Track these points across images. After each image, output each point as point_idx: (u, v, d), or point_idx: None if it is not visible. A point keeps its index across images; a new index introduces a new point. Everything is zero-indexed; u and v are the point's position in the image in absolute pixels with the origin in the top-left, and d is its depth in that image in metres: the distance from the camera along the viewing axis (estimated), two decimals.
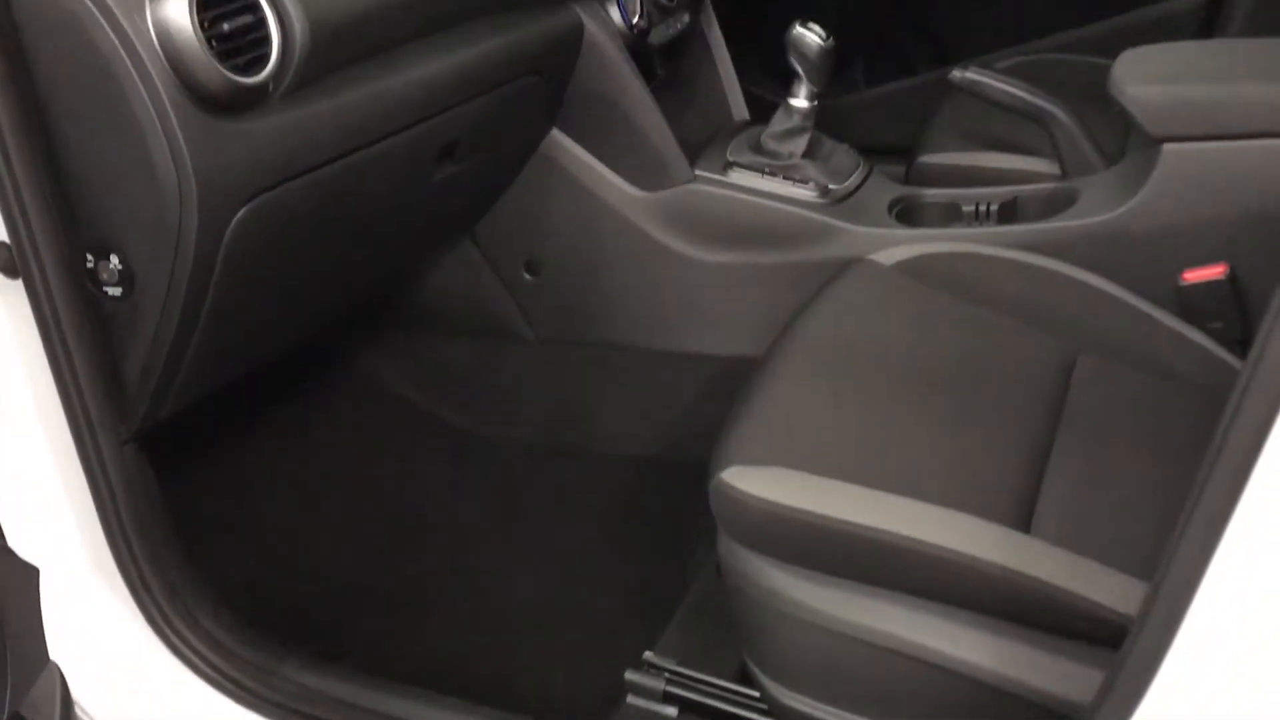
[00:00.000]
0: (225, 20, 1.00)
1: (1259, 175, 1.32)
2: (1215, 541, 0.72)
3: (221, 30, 1.00)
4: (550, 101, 1.55)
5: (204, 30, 0.99)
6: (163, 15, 0.98)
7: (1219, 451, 0.72)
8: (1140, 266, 1.41)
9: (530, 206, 1.67)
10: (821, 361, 1.26)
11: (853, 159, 1.65)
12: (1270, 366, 0.70)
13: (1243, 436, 0.70)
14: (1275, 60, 1.39)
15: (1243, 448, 0.70)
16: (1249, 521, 0.71)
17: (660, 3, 1.63)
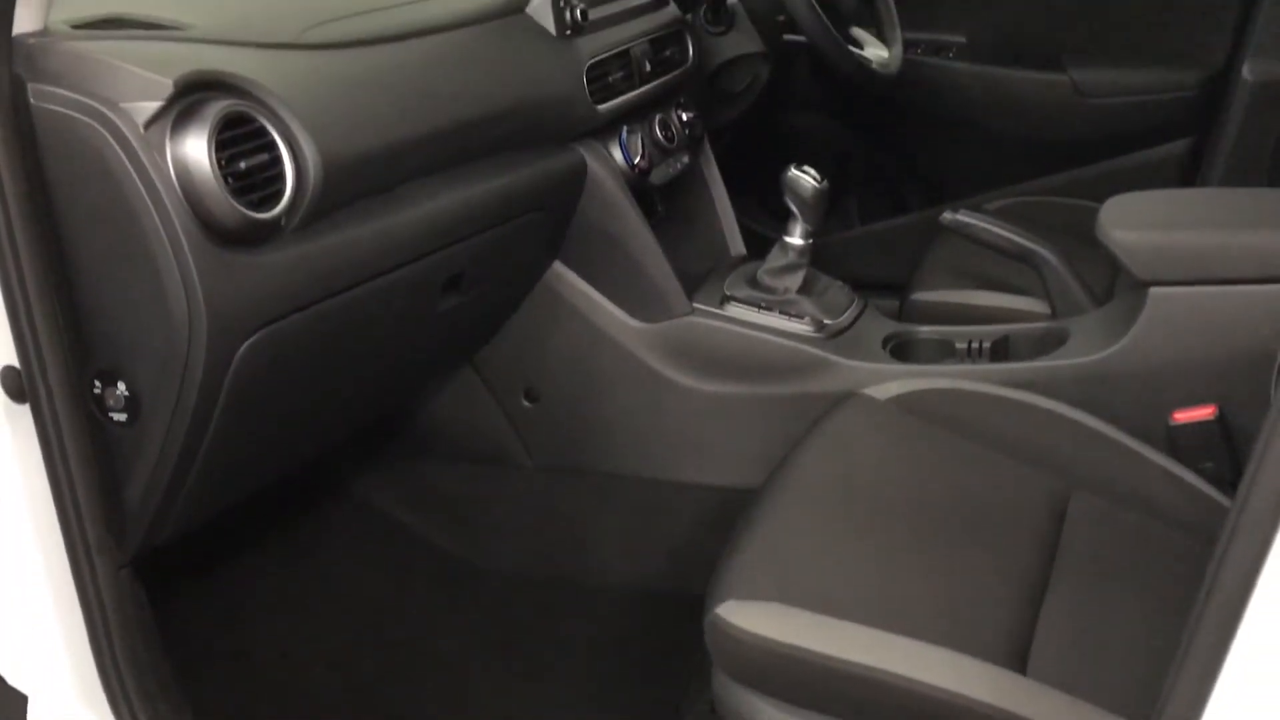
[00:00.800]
0: (243, 159, 1.04)
1: (1245, 319, 1.35)
2: (1209, 686, 0.72)
3: (238, 168, 1.04)
4: (554, 235, 1.59)
5: (221, 168, 1.02)
6: (182, 153, 1.01)
7: (1209, 594, 0.72)
8: (1131, 406, 1.44)
9: (531, 335, 1.70)
10: (818, 496, 1.27)
11: (847, 295, 1.69)
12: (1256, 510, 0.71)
13: (1233, 579, 0.71)
14: (1257, 209, 1.44)
15: (1233, 590, 0.71)
16: (1242, 665, 0.71)
17: (661, 144, 1.69)
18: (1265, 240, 1.34)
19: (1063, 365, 1.48)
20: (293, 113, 1.09)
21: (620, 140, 1.61)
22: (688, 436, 1.66)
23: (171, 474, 1.12)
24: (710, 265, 1.78)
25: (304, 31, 1.20)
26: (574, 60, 1.51)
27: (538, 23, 1.49)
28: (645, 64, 1.65)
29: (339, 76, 1.19)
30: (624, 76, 1.60)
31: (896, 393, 1.45)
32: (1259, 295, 1.34)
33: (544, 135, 1.51)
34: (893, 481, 1.30)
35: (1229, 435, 1.39)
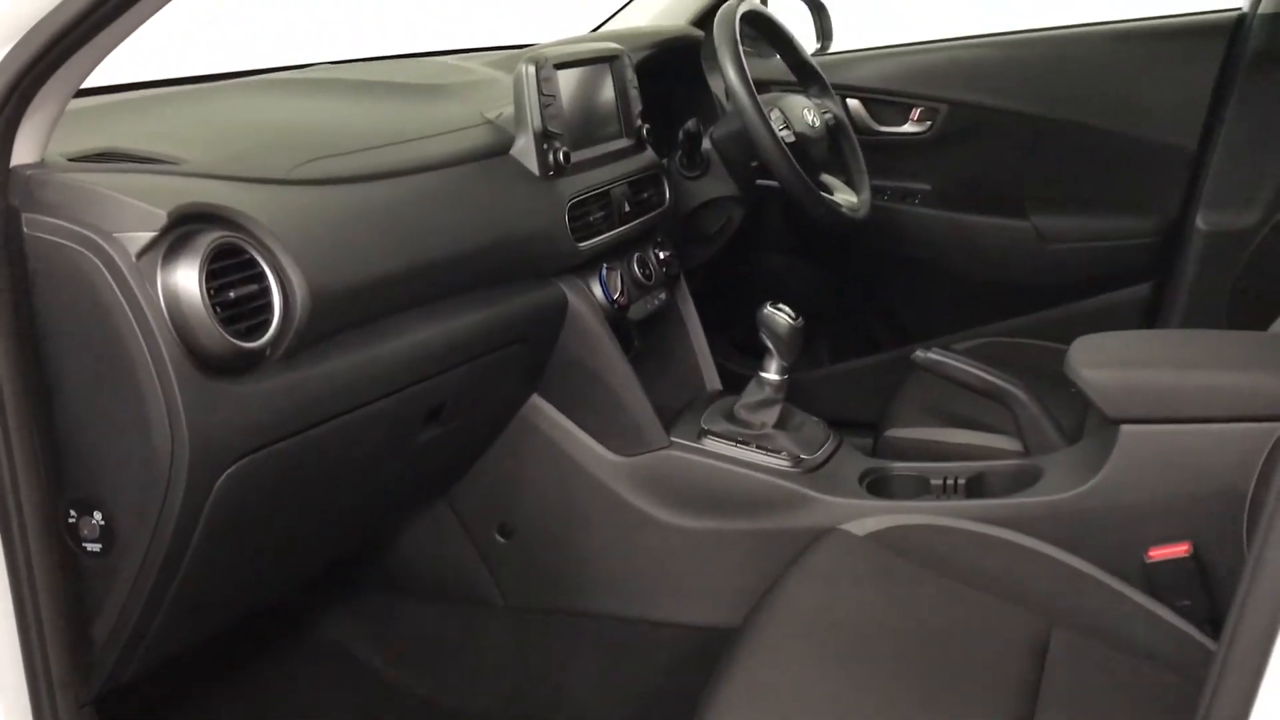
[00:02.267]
0: (232, 288, 1.05)
1: (1216, 457, 1.37)
2: None
3: (227, 297, 1.05)
4: (533, 369, 1.60)
5: (211, 297, 1.03)
6: (173, 282, 1.02)
7: None
8: (1106, 543, 1.45)
9: (507, 469, 1.69)
10: (799, 635, 1.25)
11: (823, 431, 1.70)
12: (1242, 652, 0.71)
13: None
14: (1222, 350, 1.48)
15: None
16: None
17: (639, 281, 1.72)
18: (1232, 380, 1.38)
19: (1037, 502, 1.49)
20: (282, 245, 1.11)
21: (600, 277, 1.64)
22: (665, 573, 1.65)
23: (143, 608, 1.09)
24: (686, 400, 1.79)
25: (295, 168, 1.23)
26: (556, 200, 1.55)
27: (522, 164, 1.53)
28: (624, 204, 1.69)
29: (328, 211, 1.22)
30: (604, 216, 1.64)
31: (874, 529, 1.45)
32: (1228, 434, 1.36)
33: (527, 271, 1.53)
34: (874, 620, 1.29)
35: (1204, 572, 1.40)
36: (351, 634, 1.86)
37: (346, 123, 1.45)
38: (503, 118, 1.58)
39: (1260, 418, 1.34)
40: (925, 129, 2.34)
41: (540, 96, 1.53)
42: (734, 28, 1.80)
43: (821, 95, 2.09)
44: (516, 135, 1.54)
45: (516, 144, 1.54)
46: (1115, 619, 1.34)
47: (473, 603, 1.75)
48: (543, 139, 1.53)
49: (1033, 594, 1.36)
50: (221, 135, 1.29)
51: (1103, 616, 1.34)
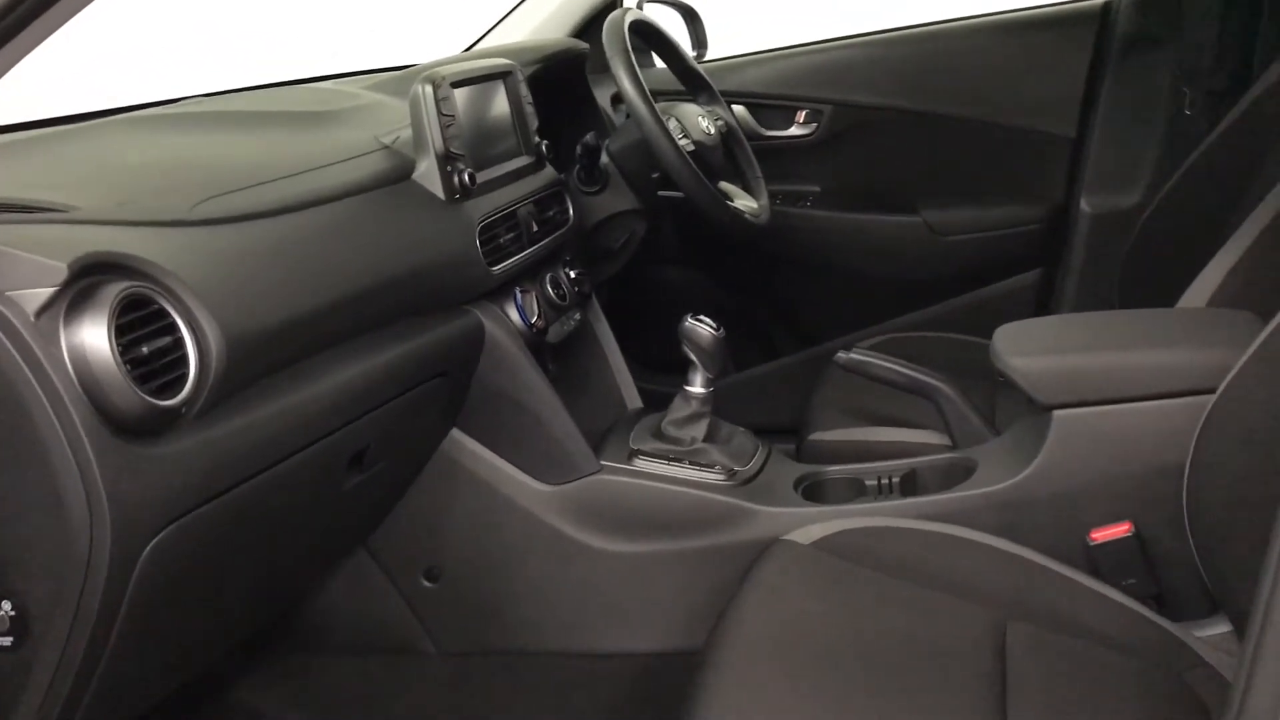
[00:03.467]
0: (144, 343, 0.96)
1: (1148, 435, 1.39)
2: None
3: (140, 353, 0.96)
4: (453, 403, 1.53)
5: (122, 354, 0.94)
6: (79, 341, 0.93)
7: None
8: (1047, 529, 1.45)
9: (429, 510, 1.61)
10: (765, 655, 1.22)
11: (751, 441, 1.68)
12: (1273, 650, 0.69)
13: None
14: (1141, 329, 1.51)
15: None
16: None
17: (554, 302, 1.67)
18: (1160, 357, 1.40)
19: (976, 495, 1.49)
20: (192, 292, 1.02)
21: (515, 301, 1.58)
22: (607, 602, 1.59)
23: (64, 704, 0.98)
24: (609, 422, 1.74)
25: (194, 207, 1.14)
26: (465, 224, 1.48)
27: (425, 188, 1.46)
28: (532, 224, 1.64)
29: (235, 252, 1.13)
30: (514, 238, 1.58)
31: (819, 536, 1.42)
32: (1160, 410, 1.38)
33: (441, 300, 1.46)
34: (835, 632, 1.26)
35: (1146, 550, 1.41)
36: (270, 697, 1.74)
37: (239, 156, 1.36)
38: (400, 141, 1.51)
39: (1190, 392, 1.36)
40: (811, 131, 2.35)
41: (440, 117, 1.46)
42: (625, 38, 1.76)
43: (711, 103, 2.07)
44: (417, 159, 1.47)
45: (418, 168, 1.47)
46: (1066, 605, 1.34)
47: (402, 653, 1.66)
48: (445, 161, 1.47)
49: (983, 588, 1.35)
50: (109, 177, 1.19)
51: (1054, 604, 1.34)
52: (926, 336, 2.14)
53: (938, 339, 2.13)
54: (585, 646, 1.61)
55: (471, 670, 1.66)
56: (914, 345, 2.08)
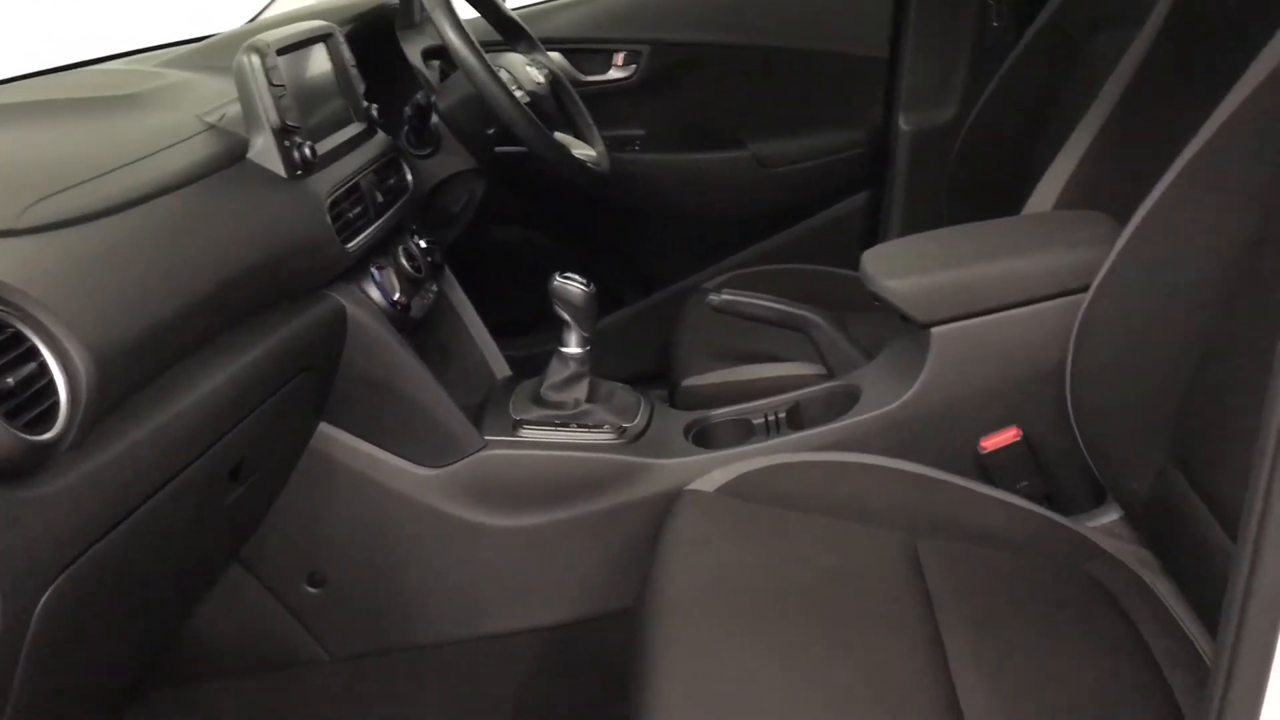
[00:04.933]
0: (8, 373, 0.83)
1: (1027, 340, 1.43)
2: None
3: (5, 385, 0.83)
4: (320, 397, 1.43)
5: None
6: None
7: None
8: (939, 444, 1.48)
9: (305, 513, 1.50)
10: (701, 612, 1.19)
11: (633, 395, 1.64)
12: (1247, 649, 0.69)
13: None
14: (1002, 239, 1.54)
15: None
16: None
17: (410, 275, 1.57)
18: (1027, 264, 1.43)
19: (866, 419, 1.50)
20: (48, 310, 0.89)
21: (374, 278, 1.48)
22: (507, 581, 1.53)
23: None
24: (481, 395, 1.67)
25: (24, 213, 0.99)
26: (312, 200, 1.37)
27: (264, 167, 1.34)
28: (376, 195, 1.53)
29: (79, 259, 1.00)
30: (361, 211, 1.48)
31: (722, 482, 1.41)
32: (1035, 315, 1.42)
33: (298, 286, 1.35)
34: (762, 574, 1.25)
35: (1034, 452, 1.46)
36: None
37: (53, 152, 1.20)
38: (227, 119, 1.38)
39: (1063, 293, 1.40)
40: (630, 74, 2.30)
41: (272, 88, 1.34)
42: None
43: (532, 50, 1.99)
44: (251, 136, 1.34)
45: (254, 146, 1.34)
46: (967, 515, 1.38)
47: (293, 666, 1.56)
48: (283, 135, 1.35)
49: (888, 510, 1.37)
50: None
51: (956, 515, 1.37)
52: (768, 270, 2.15)
53: (776, 271, 2.14)
54: (491, 629, 1.54)
55: (370, 673, 1.57)
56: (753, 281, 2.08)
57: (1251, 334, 1.18)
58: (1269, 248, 1.18)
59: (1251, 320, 1.19)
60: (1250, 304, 1.19)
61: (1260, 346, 1.16)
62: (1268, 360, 1.13)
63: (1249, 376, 1.17)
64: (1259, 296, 1.19)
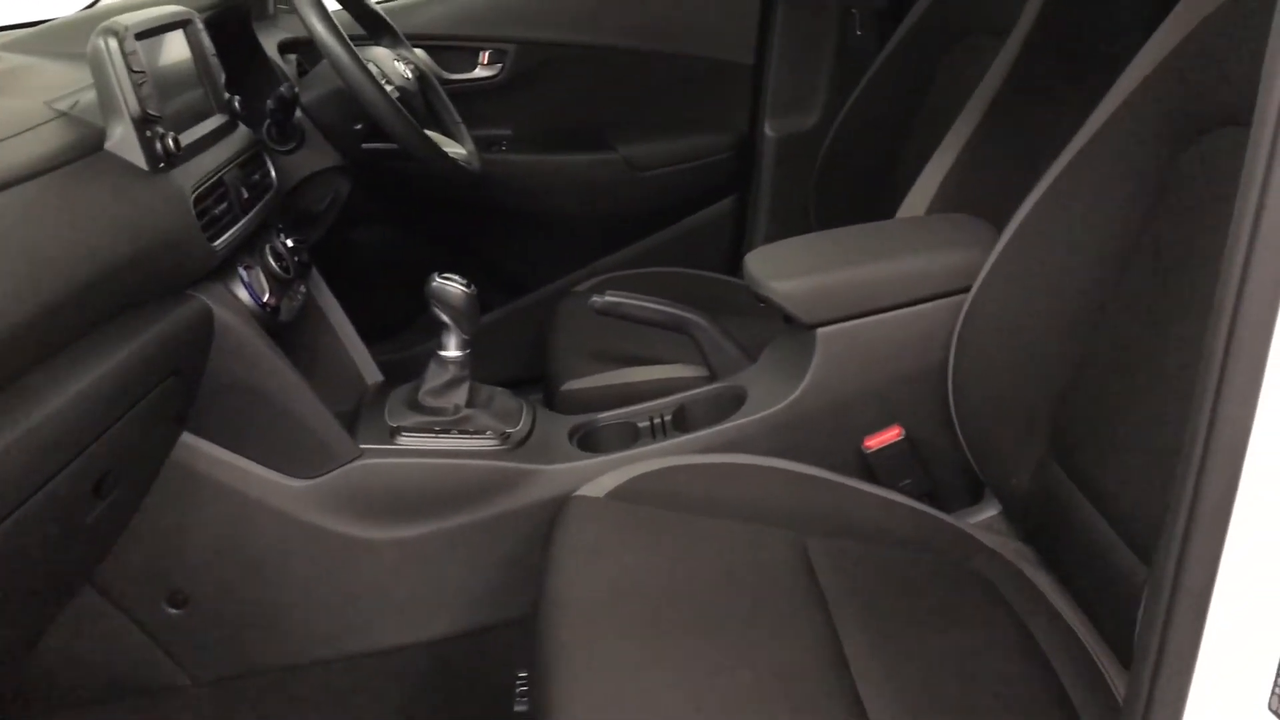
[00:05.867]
0: None
1: (910, 340, 1.45)
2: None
3: None
4: (184, 404, 1.33)
5: None
6: None
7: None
8: (824, 444, 1.49)
9: (165, 528, 1.41)
10: (599, 616, 1.16)
11: (514, 400, 1.59)
12: None
13: None
14: (884, 241, 1.57)
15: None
16: None
17: (278, 275, 1.49)
18: (910, 265, 1.46)
19: (752, 421, 1.50)
20: None
21: (242, 278, 1.40)
22: (386, 596, 1.46)
23: None
24: (352, 401, 1.60)
25: None
26: (176, 195, 1.28)
27: (123, 159, 1.24)
28: (241, 191, 1.45)
29: None
30: (227, 208, 1.39)
31: (611, 486, 1.38)
32: (917, 315, 1.44)
33: (161, 287, 1.26)
34: (658, 579, 1.23)
35: (916, 450, 1.48)
36: None
37: None
38: (80, 106, 1.28)
39: (945, 294, 1.43)
40: (497, 72, 2.25)
41: (131, 74, 1.25)
42: None
43: (397, 46, 1.93)
44: (108, 125, 1.25)
45: (111, 136, 1.24)
46: (854, 513, 1.39)
47: (154, 692, 1.45)
48: (144, 125, 1.25)
49: (777, 510, 1.37)
50: None
51: (843, 514, 1.39)
52: (639, 273, 2.14)
53: (649, 274, 2.13)
54: (370, 647, 1.47)
55: (236, 697, 1.48)
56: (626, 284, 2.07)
57: (1127, 331, 1.23)
58: (1142, 249, 1.23)
59: (1127, 317, 1.23)
60: (1125, 302, 1.24)
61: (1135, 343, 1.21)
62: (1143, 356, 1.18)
63: (1125, 372, 1.21)
64: (1133, 295, 1.23)
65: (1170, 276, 1.17)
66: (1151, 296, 1.20)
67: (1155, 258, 1.21)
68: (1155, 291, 1.19)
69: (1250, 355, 0.66)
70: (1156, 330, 1.17)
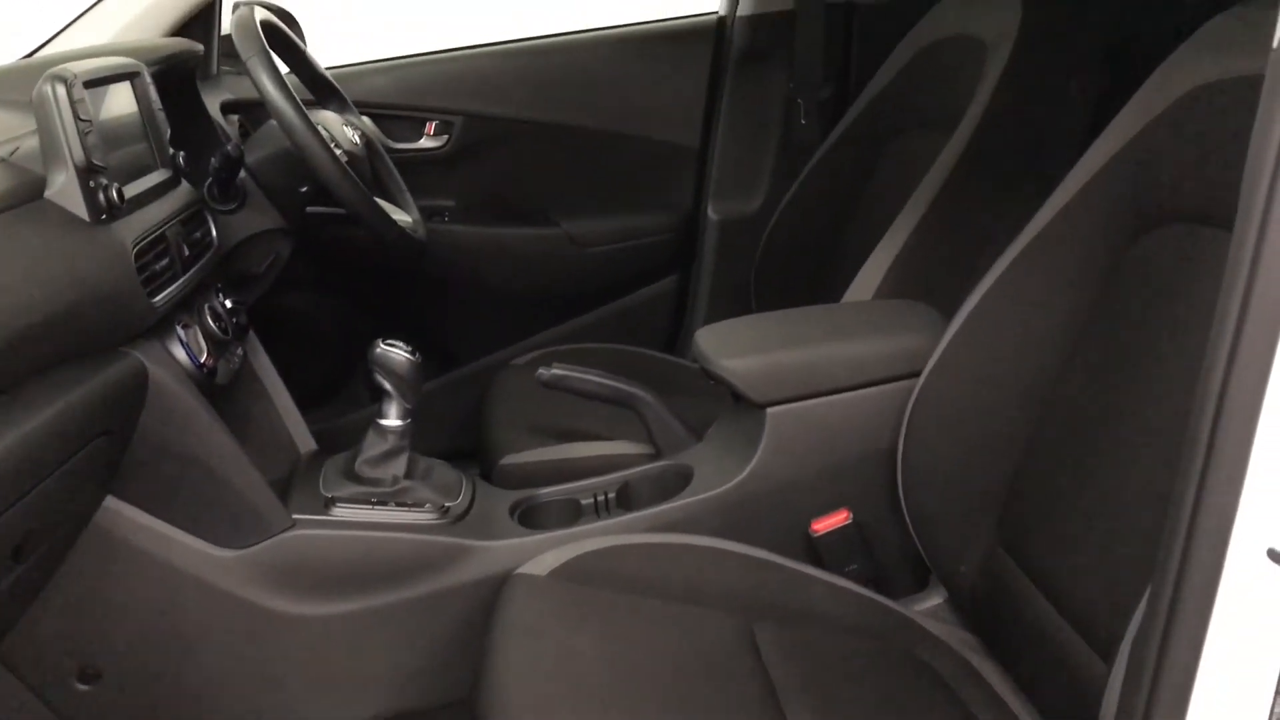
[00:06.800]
0: None
1: (858, 423, 1.45)
2: None
3: None
4: (111, 464, 1.27)
5: None
6: None
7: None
8: (771, 525, 1.47)
9: (80, 596, 1.33)
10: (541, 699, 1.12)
11: (453, 472, 1.55)
12: None
13: None
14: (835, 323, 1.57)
15: None
16: None
17: (216, 336, 1.44)
18: (861, 349, 1.46)
19: (699, 500, 1.47)
20: None
21: (179, 337, 1.35)
22: (318, 674, 1.40)
23: None
24: (284, 469, 1.54)
25: None
26: (117, 248, 1.24)
27: (64, 208, 1.19)
28: (183, 248, 1.40)
29: None
30: (167, 264, 1.35)
31: (553, 565, 1.35)
32: (867, 399, 1.44)
33: (97, 342, 1.21)
34: (603, 662, 1.19)
35: (863, 535, 1.47)
36: None
37: None
38: (21, 154, 1.23)
39: (895, 378, 1.43)
40: (443, 143, 2.24)
41: (78, 122, 1.21)
42: (261, 38, 1.57)
43: (345, 111, 1.91)
44: (50, 173, 1.20)
45: (53, 184, 1.20)
46: (801, 598, 1.37)
47: None
48: (87, 174, 1.21)
49: (723, 593, 1.34)
50: None
51: (789, 599, 1.37)
52: (583, 348, 2.12)
53: (592, 349, 2.11)
54: None
55: None
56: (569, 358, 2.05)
57: (1076, 420, 1.24)
58: (1090, 341, 1.25)
59: (1075, 407, 1.24)
60: (1074, 392, 1.25)
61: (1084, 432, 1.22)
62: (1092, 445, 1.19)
63: (1075, 461, 1.22)
64: (1082, 385, 1.25)
65: (1119, 368, 1.19)
66: (1100, 387, 1.22)
67: (1103, 349, 1.23)
68: (1104, 382, 1.21)
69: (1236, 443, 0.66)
70: (1105, 420, 1.19)
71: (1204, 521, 0.67)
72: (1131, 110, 1.23)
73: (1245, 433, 0.66)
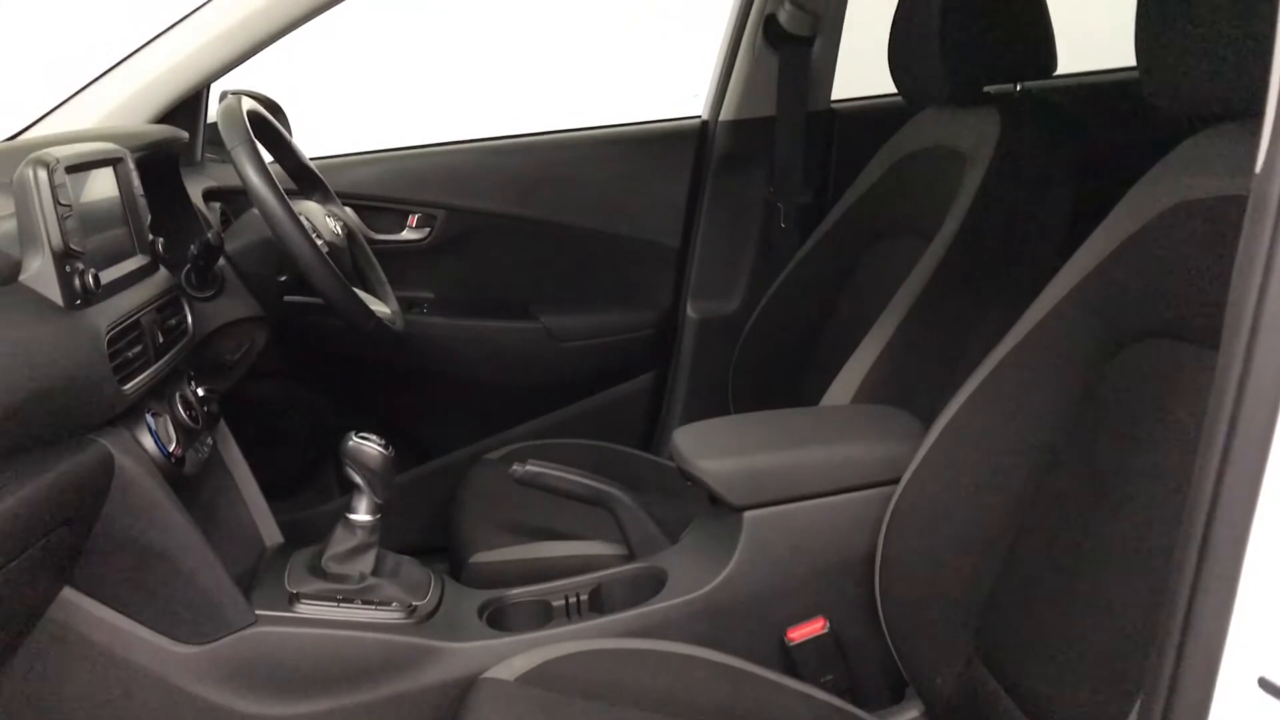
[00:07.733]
0: None
1: (836, 529, 1.43)
2: None
3: None
4: (71, 556, 1.24)
5: None
6: None
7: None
8: (746, 632, 1.44)
9: (31, 692, 1.28)
10: None
11: (422, 570, 1.52)
12: None
13: None
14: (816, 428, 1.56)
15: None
16: None
17: (186, 425, 1.42)
18: (842, 453, 1.45)
19: (674, 605, 1.45)
20: None
21: (149, 425, 1.32)
22: None
23: None
24: (249, 563, 1.50)
25: None
26: (90, 334, 1.22)
27: (38, 292, 1.18)
28: (157, 335, 1.39)
29: None
30: (140, 351, 1.33)
31: (522, 669, 1.31)
32: (846, 504, 1.43)
33: (63, 428, 1.18)
34: None
35: (840, 644, 1.44)
36: None
37: None
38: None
39: (873, 484, 1.42)
40: (425, 236, 2.25)
41: (57, 207, 1.20)
42: (247, 127, 1.58)
43: (327, 202, 1.91)
44: (25, 257, 1.19)
45: (28, 268, 1.18)
46: (775, 710, 1.33)
47: None
48: (64, 259, 1.20)
49: (696, 702, 1.31)
50: None
51: (764, 710, 1.33)
52: (558, 444, 2.10)
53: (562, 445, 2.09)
54: None
55: None
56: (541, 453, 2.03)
57: (1055, 531, 1.23)
58: (1070, 452, 1.24)
59: (1055, 518, 1.23)
60: (1053, 503, 1.24)
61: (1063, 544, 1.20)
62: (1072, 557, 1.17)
63: (1054, 572, 1.21)
64: (1061, 496, 1.24)
65: (1098, 480, 1.18)
66: (1079, 499, 1.21)
67: (1083, 461, 1.22)
68: (1083, 494, 1.20)
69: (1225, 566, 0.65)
70: (1085, 532, 1.18)
71: (1192, 648, 0.66)
72: (1109, 225, 1.24)
73: (1234, 556, 0.65)
